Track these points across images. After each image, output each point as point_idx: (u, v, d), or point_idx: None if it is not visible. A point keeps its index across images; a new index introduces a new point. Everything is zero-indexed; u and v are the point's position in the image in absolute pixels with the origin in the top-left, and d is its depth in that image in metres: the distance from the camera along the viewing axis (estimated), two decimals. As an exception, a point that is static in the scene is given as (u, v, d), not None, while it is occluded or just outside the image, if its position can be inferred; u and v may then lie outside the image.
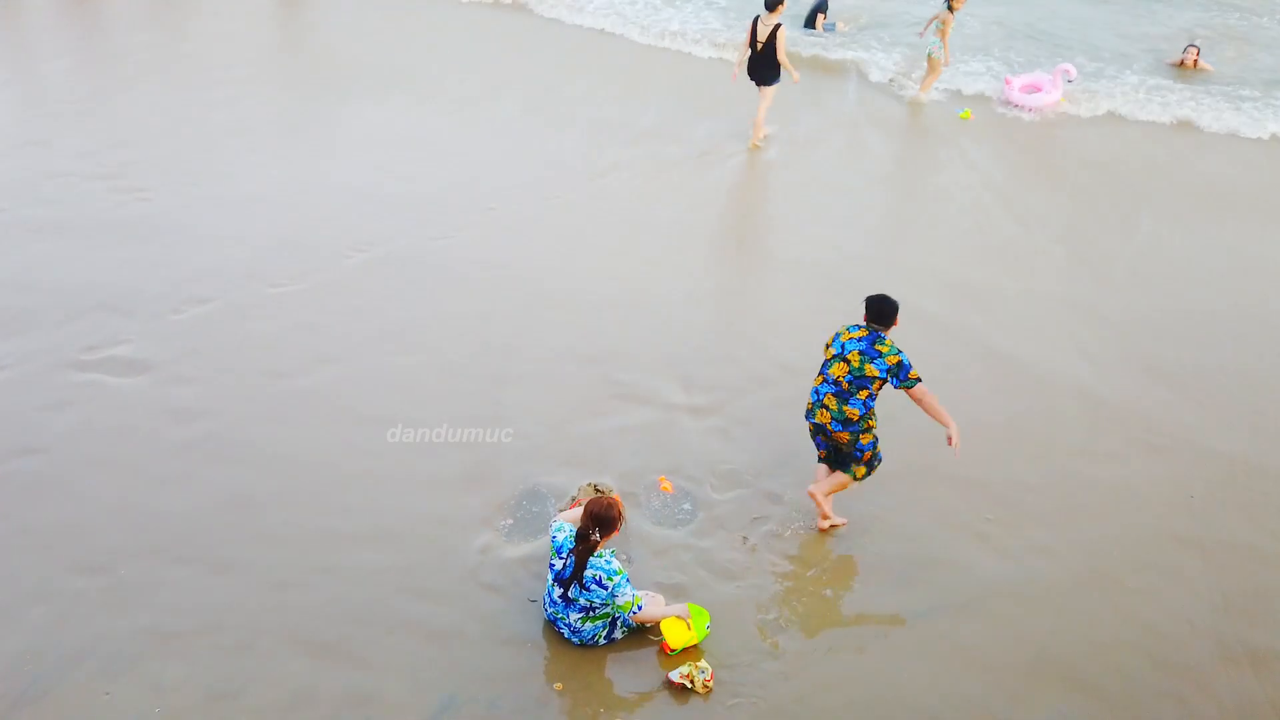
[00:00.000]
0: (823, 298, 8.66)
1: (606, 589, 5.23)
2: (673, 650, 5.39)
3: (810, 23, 15.49)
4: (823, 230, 9.93)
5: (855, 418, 5.94)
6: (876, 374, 5.87)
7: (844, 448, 6.12)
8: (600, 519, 5.21)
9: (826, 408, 6.01)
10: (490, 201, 9.92)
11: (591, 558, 5.24)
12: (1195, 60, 14.54)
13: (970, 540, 6.32)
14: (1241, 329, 8.66)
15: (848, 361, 5.92)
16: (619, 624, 5.45)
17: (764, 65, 11.33)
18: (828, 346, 6.11)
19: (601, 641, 5.44)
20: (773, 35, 11.04)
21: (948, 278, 9.11)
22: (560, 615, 5.40)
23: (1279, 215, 10.78)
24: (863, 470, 6.17)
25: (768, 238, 9.57)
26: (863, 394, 5.91)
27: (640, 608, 5.35)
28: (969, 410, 7.45)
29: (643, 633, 5.53)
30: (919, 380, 5.86)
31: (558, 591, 5.35)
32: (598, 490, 6.34)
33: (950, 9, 12.73)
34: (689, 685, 5.22)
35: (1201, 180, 11.64)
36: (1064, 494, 6.75)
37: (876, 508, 6.50)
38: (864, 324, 6.02)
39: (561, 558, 5.33)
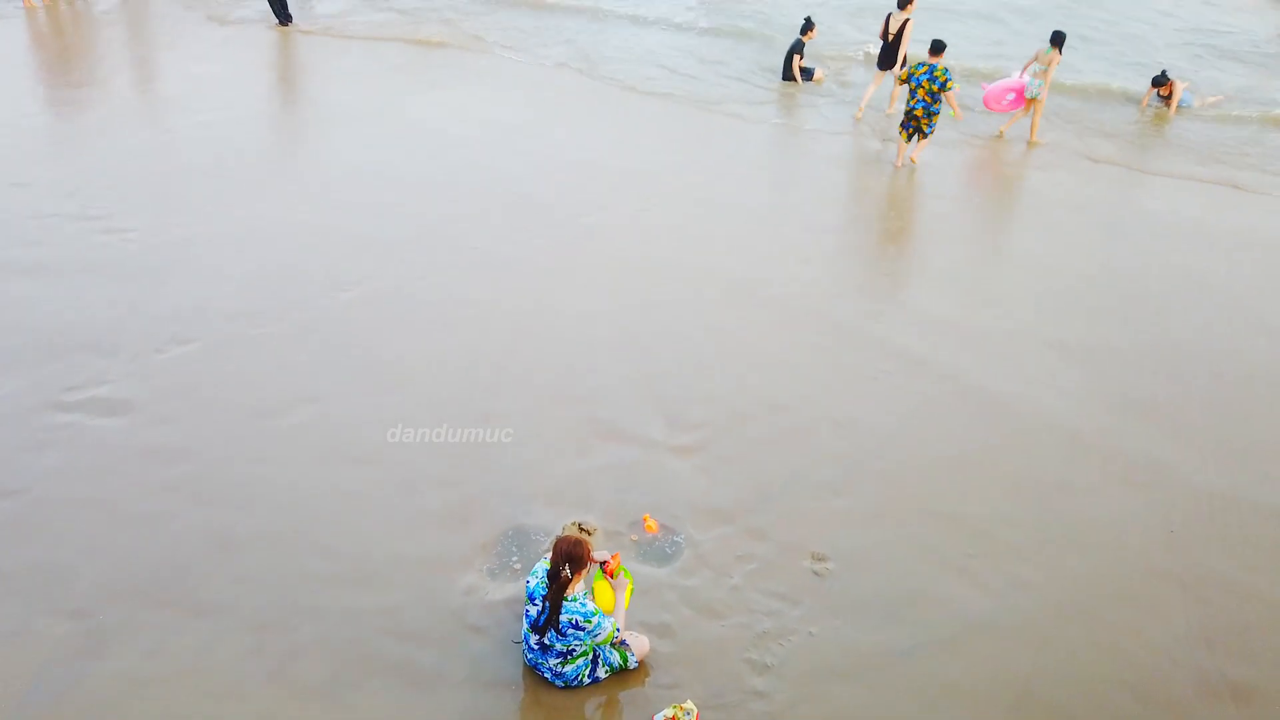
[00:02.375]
0: (805, 334, 8.75)
1: (585, 630, 5.21)
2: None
3: (787, 71, 15.11)
4: (804, 269, 10.04)
5: (935, 111, 11.90)
6: (938, 88, 11.71)
7: (922, 122, 11.97)
8: (570, 556, 5.20)
9: (917, 105, 11.90)
10: (474, 240, 9.99)
11: (565, 602, 5.22)
12: (1169, 93, 14.75)
13: (952, 576, 6.35)
14: (1215, 362, 8.80)
15: (922, 86, 11.76)
16: (601, 662, 5.43)
17: (893, 54, 13.57)
18: (909, 80, 11.88)
19: (585, 681, 5.42)
20: (902, 28, 13.27)
21: (926, 313, 9.22)
22: (541, 661, 5.38)
23: (1247, 248, 10.99)
24: (926, 140, 12.31)
25: (750, 276, 9.66)
26: (937, 103, 11.82)
27: (620, 629, 5.41)
28: (946, 445, 7.53)
29: (627, 673, 5.51)
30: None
31: (534, 639, 5.33)
32: (582, 529, 6.34)
33: (1058, 49, 13.06)
34: (674, 725, 5.20)
35: (1172, 216, 11.87)
36: (1043, 528, 6.80)
37: (860, 544, 6.53)
38: (925, 61, 11.77)
39: (535, 604, 5.31)
